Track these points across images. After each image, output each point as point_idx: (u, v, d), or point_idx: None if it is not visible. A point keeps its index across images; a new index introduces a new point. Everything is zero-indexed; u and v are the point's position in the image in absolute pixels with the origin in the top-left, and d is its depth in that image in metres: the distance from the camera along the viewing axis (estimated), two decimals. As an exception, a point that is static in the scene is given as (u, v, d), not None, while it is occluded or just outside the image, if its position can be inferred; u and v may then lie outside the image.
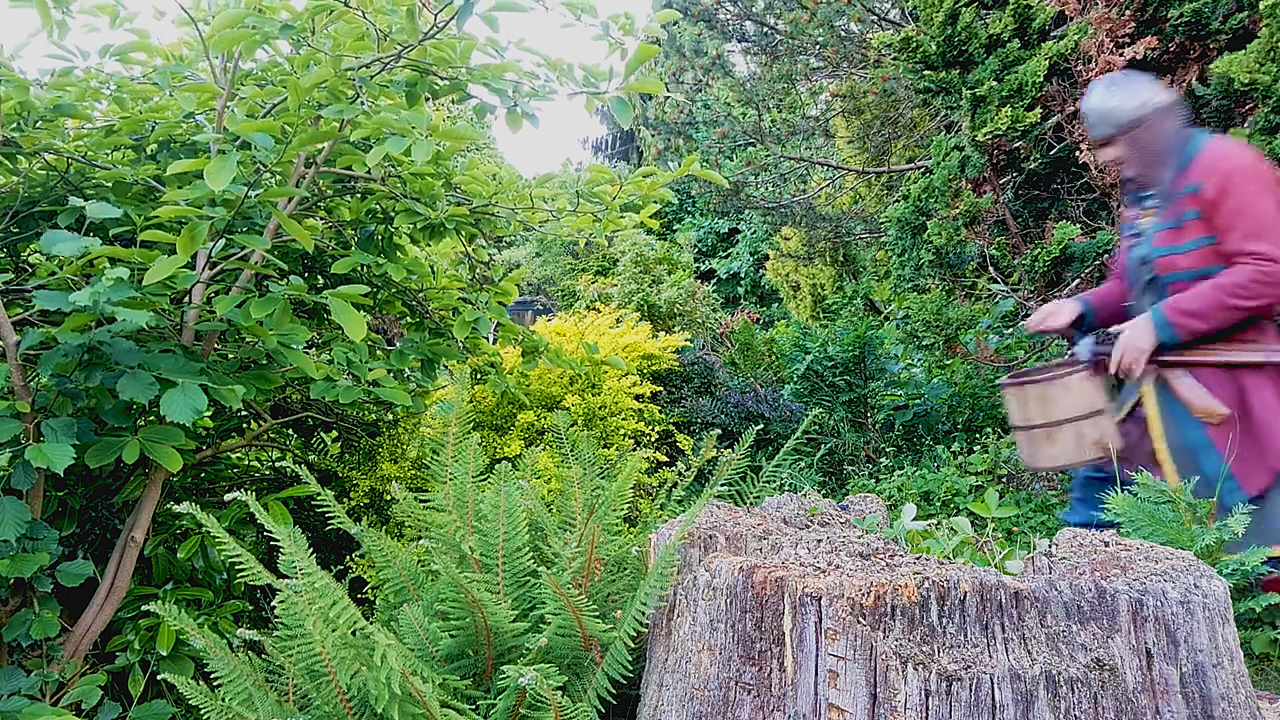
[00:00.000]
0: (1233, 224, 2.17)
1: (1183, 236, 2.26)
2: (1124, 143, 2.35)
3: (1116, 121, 2.33)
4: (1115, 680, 1.33)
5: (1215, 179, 2.20)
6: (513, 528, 1.81)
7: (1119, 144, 2.36)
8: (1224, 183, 2.19)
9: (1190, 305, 2.21)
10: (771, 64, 7.01)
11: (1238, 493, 2.22)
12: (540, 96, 2.15)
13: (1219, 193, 2.19)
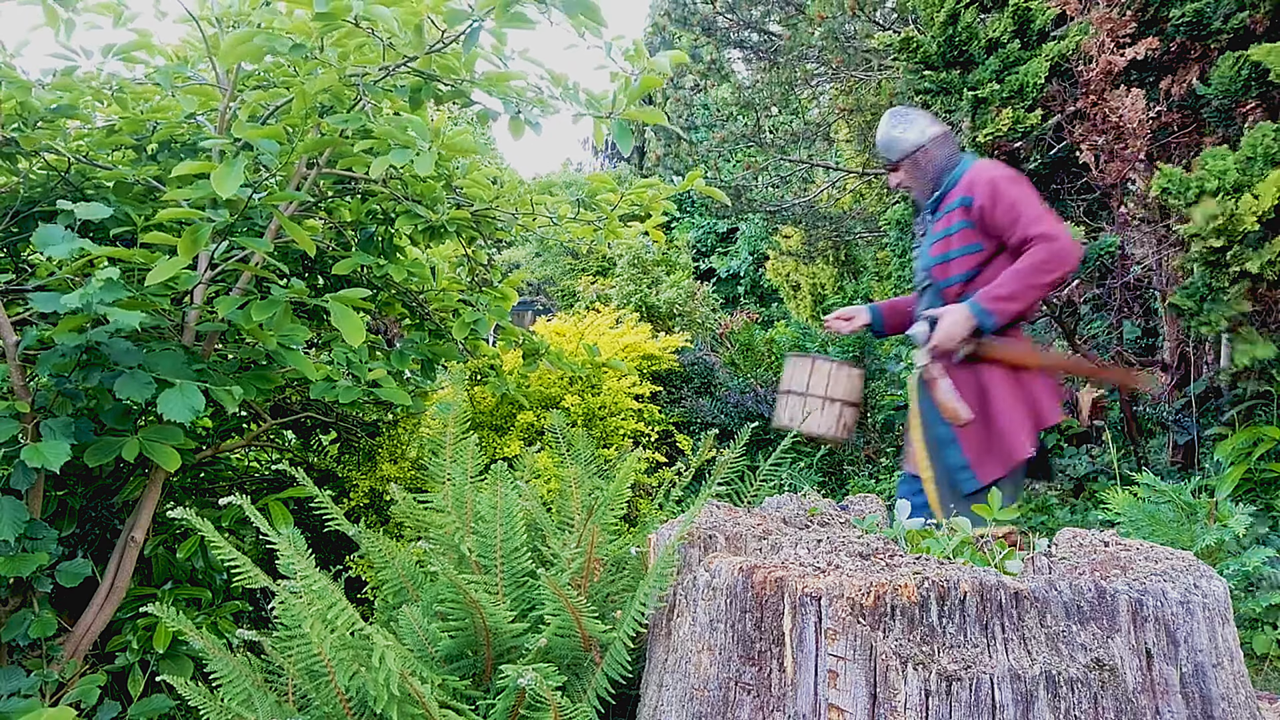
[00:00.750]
0: (1013, 219, 2.44)
1: (952, 245, 2.55)
2: (906, 167, 2.66)
3: (901, 150, 2.66)
4: (1115, 680, 1.32)
5: (982, 188, 2.48)
6: (510, 528, 1.81)
7: (903, 169, 2.67)
8: (991, 190, 2.47)
9: (1002, 291, 2.41)
10: (771, 69, 7.01)
11: (972, 481, 2.42)
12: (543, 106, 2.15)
13: (990, 199, 2.46)
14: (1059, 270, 2.40)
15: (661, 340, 4.96)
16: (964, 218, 2.52)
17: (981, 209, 2.48)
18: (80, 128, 2.42)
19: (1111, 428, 4.59)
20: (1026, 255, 2.42)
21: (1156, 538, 2.91)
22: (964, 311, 2.44)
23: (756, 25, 7.02)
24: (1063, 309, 4.30)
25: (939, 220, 2.61)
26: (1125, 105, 3.67)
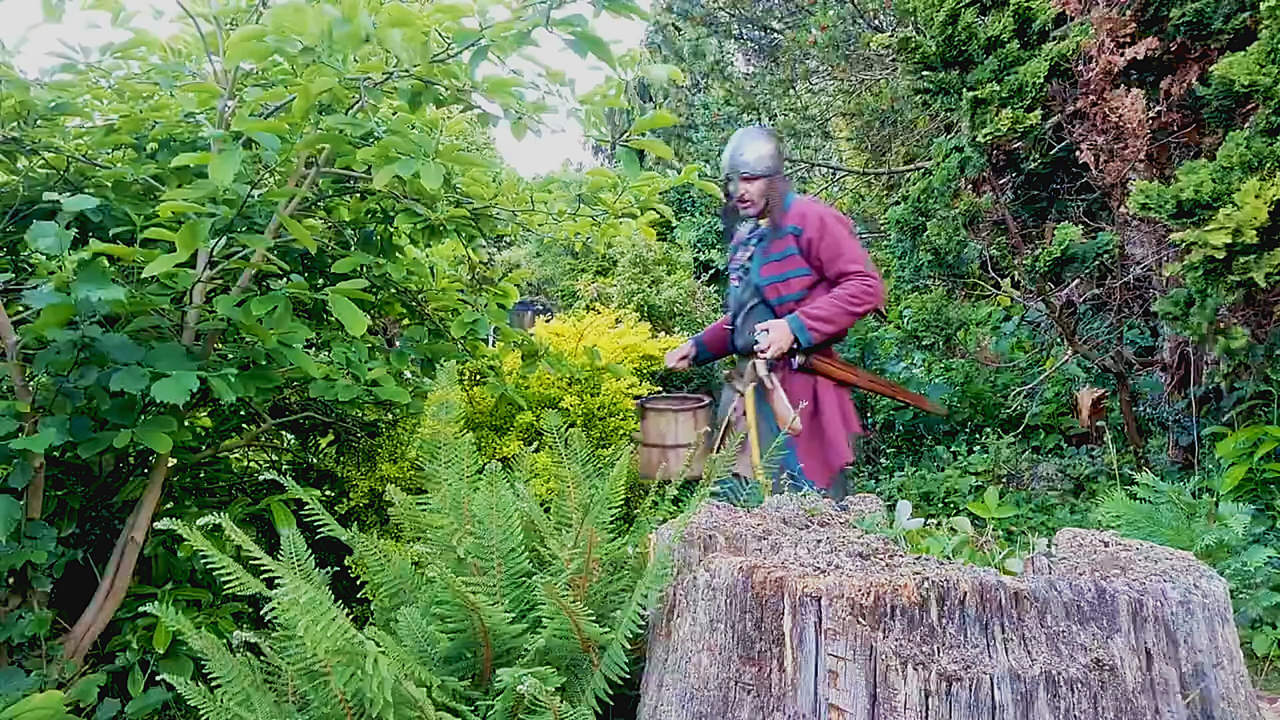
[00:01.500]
0: (836, 254, 2.82)
1: (786, 267, 2.89)
2: (764, 184, 2.91)
3: (766, 167, 2.90)
4: (1115, 680, 1.32)
5: (813, 222, 2.85)
6: (507, 529, 1.80)
7: (761, 183, 2.91)
8: (821, 225, 2.85)
9: (820, 313, 2.77)
10: (772, 66, 7.01)
11: (807, 484, 2.61)
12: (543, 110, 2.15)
13: (819, 233, 2.83)
14: (869, 304, 2.79)
15: (661, 341, 4.96)
16: (794, 244, 2.86)
17: (810, 240, 2.83)
18: (80, 126, 2.42)
19: (1112, 428, 4.59)
20: (843, 286, 2.79)
21: (1156, 538, 2.91)
22: (786, 325, 2.78)
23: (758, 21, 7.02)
24: (1063, 309, 4.29)
25: (774, 243, 2.90)
26: (1125, 105, 3.67)
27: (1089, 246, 3.90)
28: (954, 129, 4.61)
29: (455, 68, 2.14)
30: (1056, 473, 4.32)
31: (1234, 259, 3.13)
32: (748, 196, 2.90)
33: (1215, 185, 3.11)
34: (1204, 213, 3.12)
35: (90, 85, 2.30)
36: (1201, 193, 3.11)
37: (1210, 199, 3.11)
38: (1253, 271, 3.09)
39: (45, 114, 2.19)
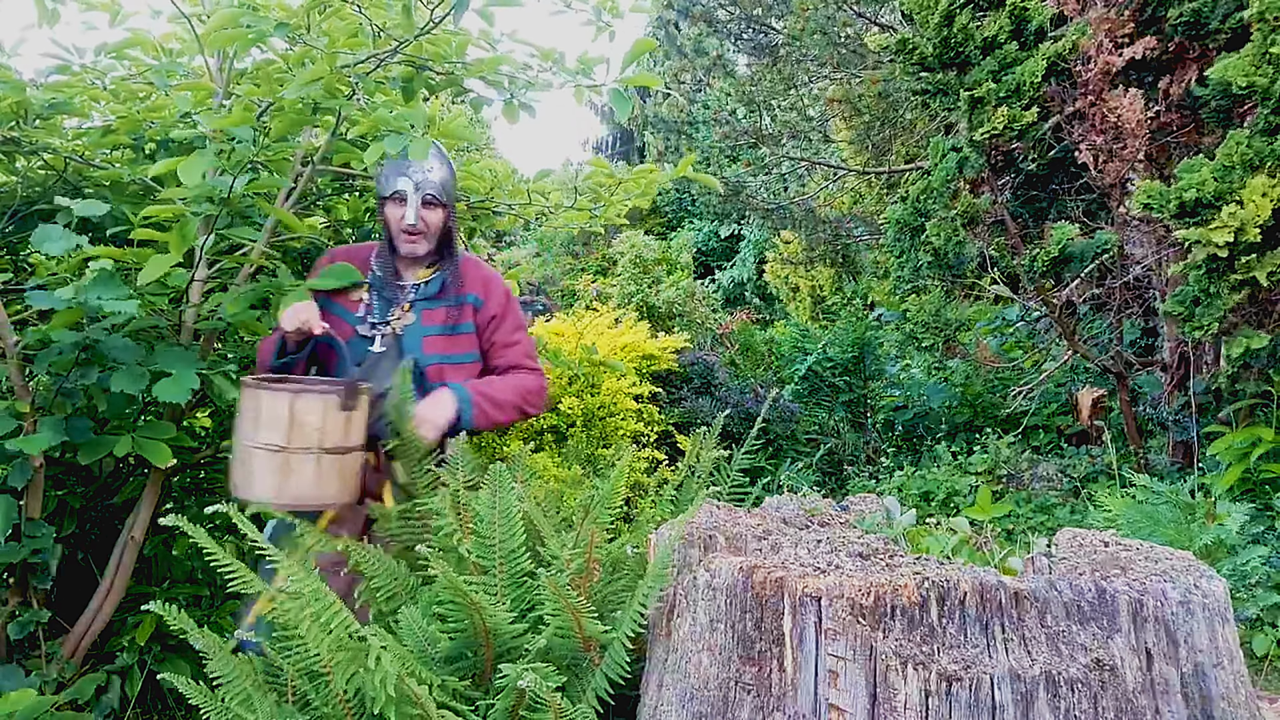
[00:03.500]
0: (514, 341, 2.26)
1: (458, 347, 2.20)
2: (446, 218, 2.17)
3: (451, 196, 2.20)
4: (1115, 680, 1.32)
5: (498, 295, 2.25)
6: (509, 529, 1.80)
7: (443, 216, 2.16)
8: (506, 302, 2.27)
9: (496, 397, 2.18)
10: (772, 65, 7.02)
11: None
12: (536, 88, 2.15)
13: (503, 310, 2.25)
14: (538, 407, 2.32)
15: (661, 340, 4.96)
16: (472, 319, 2.20)
17: (492, 319, 2.22)
18: (77, 126, 2.41)
19: (1111, 428, 4.60)
20: (527, 378, 2.24)
21: (1156, 538, 2.91)
22: (451, 399, 2.09)
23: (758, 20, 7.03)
24: (1062, 309, 4.30)
25: (446, 311, 2.18)
26: (1124, 105, 3.68)
27: (1088, 246, 3.90)
28: (953, 129, 4.61)
29: (444, 44, 2.14)
30: (1056, 473, 4.33)
31: (1236, 258, 3.14)
32: (422, 229, 2.11)
33: (1217, 184, 3.11)
34: (1206, 212, 3.13)
35: (86, 86, 2.30)
36: (1204, 191, 3.11)
37: (1213, 198, 3.11)
38: (1255, 270, 3.09)
39: (42, 114, 2.18)
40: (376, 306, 2.17)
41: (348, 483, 1.98)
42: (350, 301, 2.18)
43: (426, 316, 2.17)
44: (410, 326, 2.15)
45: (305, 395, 1.89)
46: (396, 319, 2.16)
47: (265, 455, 1.87)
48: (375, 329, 2.15)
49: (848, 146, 7.36)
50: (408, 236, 2.12)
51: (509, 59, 2.15)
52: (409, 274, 2.20)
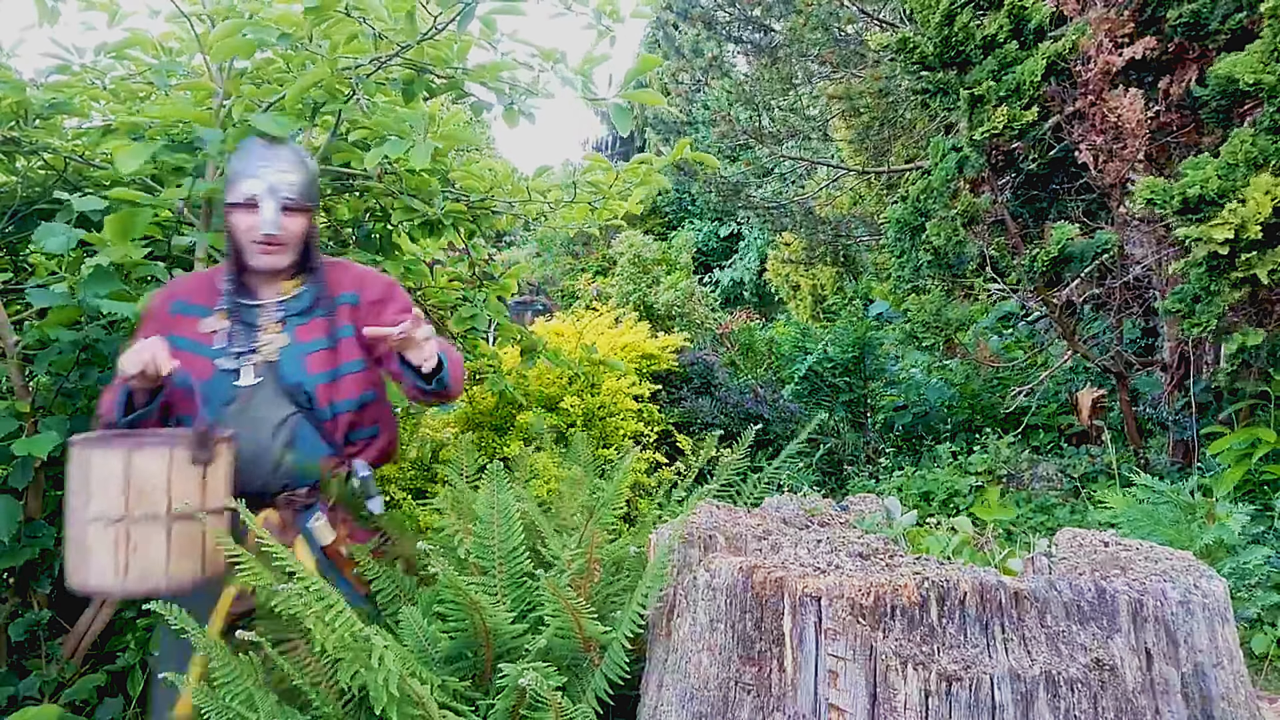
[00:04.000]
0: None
1: (344, 355, 1.86)
2: (307, 223, 1.86)
3: (313, 198, 1.87)
4: (1115, 680, 1.32)
5: (375, 285, 1.92)
6: (509, 529, 1.81)
7: (304, 221, 1.84)
8: (388, 287, 1.93)
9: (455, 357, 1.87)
10: (771, 65, 7.02)
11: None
12: (537, 95, 2.15)
13: (385, 294, 1.91)
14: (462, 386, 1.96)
15: (660, 340, 4.96)
16: (349, 322, 1.88)
17: (374, 304, 1.89)
18: (78, 126, 2.42)
19: (1111, 428, 4.60)
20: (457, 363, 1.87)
21: (1156, 537, 2.91)
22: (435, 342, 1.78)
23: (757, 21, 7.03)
24: (1062, 309, 4.30)
25: (318, 321, 1.85)
26: (1124, 105, 3.68)
27: (1088, 246, 3.91)
28: (953, 129, 4.61)
29: (445, 48, 2.14)
30: (1056, 472, 4.32)
31: (1237, 255, 3.14)
32: (283, 239, 1.80)
33: (1221, 181, 3.12)
34: (1210, 209, 3.13)
35: (86, 86, 2.30)
36: (1207, 188, 3.11)
37: (1216, 195, 3.11)
38: (1256, 268, 3.10)
39: (42, 114, 2.19)
40: (237, 333, 1.81)
41: (210, 556, 1.60)
42: (201, 334, 1.81)
43: (303, 333, 1.83)
44: (287, 348, 1.81)
45: (145, 449, 1.54)
46: (265, 343, 1.82)
47: (100, 530, 1.49)
48: (241, 359, 1.80)
49: (847, 146, 7.36)
50: (264, 248, 1.78)
51: (510, 64, 2.16)
52: (268, 290, 1.85)
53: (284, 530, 1.76)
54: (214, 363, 1.78)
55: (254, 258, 1.80)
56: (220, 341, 1.80)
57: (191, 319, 1.82)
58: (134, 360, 1.60)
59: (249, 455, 1.75)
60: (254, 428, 1.76)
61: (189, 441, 1.58)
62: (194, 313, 1.83)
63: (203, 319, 1.82)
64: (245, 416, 1.77)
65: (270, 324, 1.83)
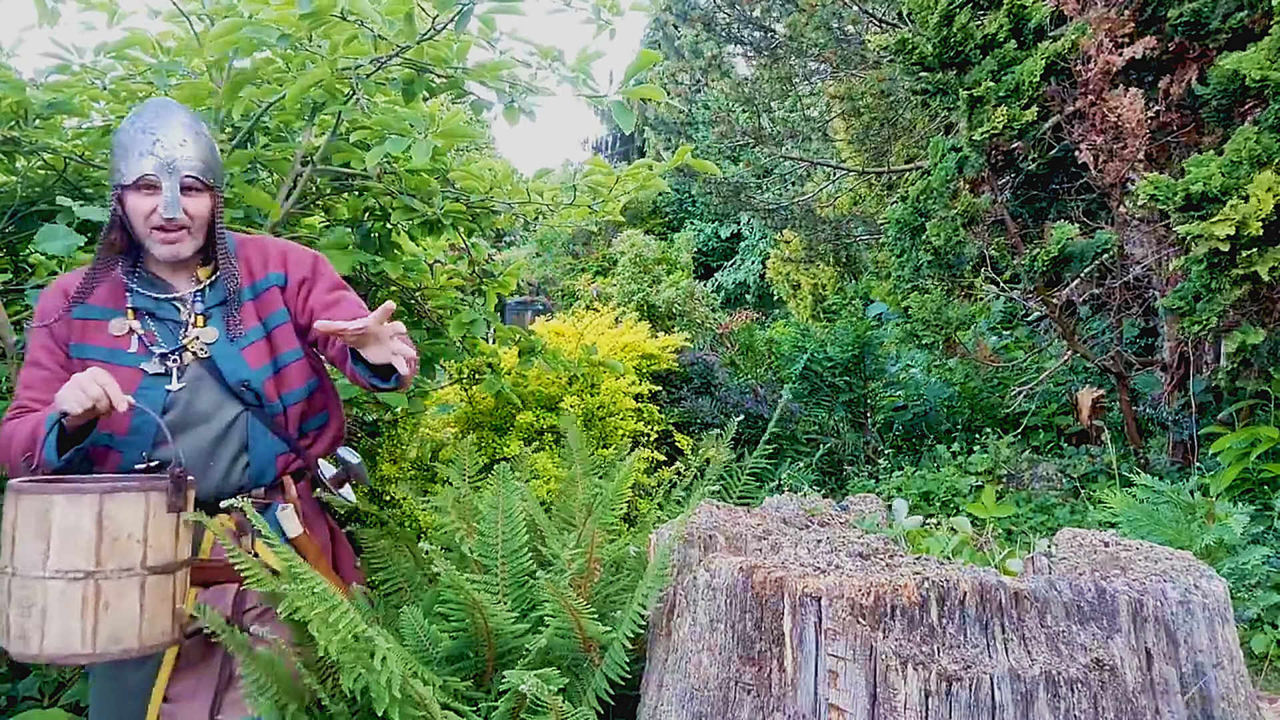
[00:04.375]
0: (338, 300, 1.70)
1: (283, 344, 1.68)
2: (212, 202, 1.62)
3: (217, 174, 1.64)
4: (1115, 680, 1.32)
5: (300, 259, 1.72)
6: (511, 529, 1.81)
7: (209, 200, 1.61)
8: (313, 261, 1.73)
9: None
10: (771, 65, 7.02)
11: None
12: (537, 94, 2.15)
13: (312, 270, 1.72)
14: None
15: (660, 340, 4.96)
16: (282, 304, 1.69)
17: (302, 283, 1.70)
18: (77, 126, 2.41)
19: (1111, 427, 4.60)
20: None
21: (1155, 537, 2.91)
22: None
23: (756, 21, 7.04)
24: (1062, 309, 4.30)
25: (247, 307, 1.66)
26: (1124, 105, 3.68)
27: (1088, 246, 3.91)
28: (953, 129, 4.61)
29: (444, 48, 2.14)
30: (1056, 472, 4.33)
31: (1238, 252, 3.14)
32: (184, 223, 1.58)
33: (1224, 179, 3.12)
34: (1212, 206, 3.13)
35: (86, 86, 2.30)
36: (1211, 186, 3.12)
37: (1219, 192, 3.11)
38: (1257, 265, 3.10)
39: (42, 114, 2.19)
40: (156, 333, 1.61)
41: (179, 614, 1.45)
42: (114, 339, 1.59)
43: (232, 324, 1.63)
44: (218, 343, 1.62)
45: (119, 495, 1.36)
46: (193, 339, 1.61)
47: (63, 588, 1.31)
48: (168, 360, 1.59)
49: (847, 146, 7.37)
50: (164, 235, 1.55)
51: (510, 63, 2.15)
52: (181, 280, 1.65)
53: (240, 534, 1.60)
54: (139, 369, 1.57)
55: (154, 246, 1.58)
56: (135, 345, 1.60)
57: (98, 323, 1.60)
58: (78, 398, 1.39)
59: (197, 464, 1.57)
60: (198, 433, 1.59)
61: (166, 486, 1.42)
62: (99, 315, 1.60)
63: (111, 321, 1.60)
64: (187, 423, 1.58)
65: (193, 318, 1.63)
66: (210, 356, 1.61)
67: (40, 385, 1.58)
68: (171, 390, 1.58)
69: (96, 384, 1.40)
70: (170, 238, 1.57)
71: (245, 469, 1.63)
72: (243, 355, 1.63)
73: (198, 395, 1.60)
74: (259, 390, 1.63)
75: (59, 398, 1.41)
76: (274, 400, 1.65)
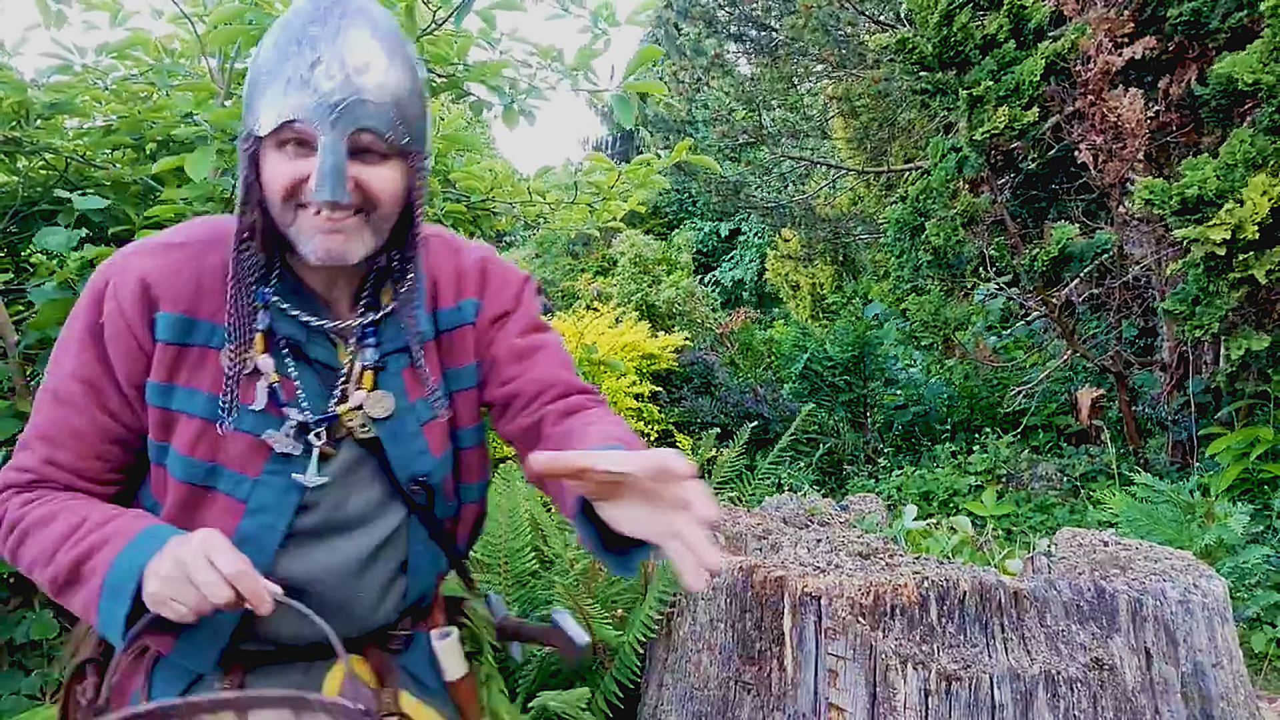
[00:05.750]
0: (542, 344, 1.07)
1: (460, 421, 1.05)
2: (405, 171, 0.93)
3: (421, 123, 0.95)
4: (1114, 680, 1.33)
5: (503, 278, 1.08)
6: (514, 528, 1.81)
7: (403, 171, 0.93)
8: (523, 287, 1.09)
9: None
10: (771, 65, 7.03)
11: None
12: (538, 94, 2.15)
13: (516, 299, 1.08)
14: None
15: (661, 339, 4.97)
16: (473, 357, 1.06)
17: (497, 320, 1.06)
18: (79, 126, 2.42)
19: (1110, 427, 4.60)
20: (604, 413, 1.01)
21: (1155, 537, 2.91)
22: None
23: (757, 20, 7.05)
24: (1062, 309, 4.31)
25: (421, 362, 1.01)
26: (1124, 105, 3.68)
27: (1087, 246, 3.91)
28: (952, 129, 4.62)
29: (445, 47, 2.14)
30: (1055, 472, 4.33)
31: (1234, 255, 3.15)
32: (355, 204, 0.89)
33: (1220, 182, 3.12)
34: (1208, 210, 3.13)
35: (87, 86, 2.30)
36: (1206, 189, 3.12)
37: (1215, 195, 3.12)
38: (1253, 268, 3.10)
39: (43, 114, 2.19)
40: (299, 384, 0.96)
41: None
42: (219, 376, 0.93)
43: (413, 382, 1.01)
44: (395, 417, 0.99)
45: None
46: (352, 408, 0.97)
47: None
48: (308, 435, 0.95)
49: (846, 146, 7.38)
50: (318, 222, 0.88)
51: (510, 63, 2.16)
52: (338, 297, 0.99)
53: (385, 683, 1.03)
54: (262, 441, 0.93)
55: (300, 239, 0.90)
56: (263, 398, 0.94)
57: (203, 351, 0.94)
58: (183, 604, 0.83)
59: (339, 593, 0.98)
60: (342, 549, 0.98)
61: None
62: (207, 335, 0.94)
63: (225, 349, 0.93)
64: (327, 530, 0.98)
65: (357, 369, 0.98)
66: (374, 436, 0.98)
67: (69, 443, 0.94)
68: (309, 487, 0.95)
69: (219, 578, 0.82)
70: (330, 226, 0.89)
71: (403, 595, 1.04)
72: (423, 435, 1.01)
73: (350, 494, 0.98)
74: (437, 487, 1.03)
75: (150, 592, 0.84)
76: (450, 499, 1.06)
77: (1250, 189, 3.02)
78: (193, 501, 0.93)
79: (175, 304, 0.92)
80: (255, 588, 0.83)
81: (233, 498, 0.93)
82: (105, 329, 0.92)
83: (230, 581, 0.81)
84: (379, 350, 0.98)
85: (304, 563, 0.96)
